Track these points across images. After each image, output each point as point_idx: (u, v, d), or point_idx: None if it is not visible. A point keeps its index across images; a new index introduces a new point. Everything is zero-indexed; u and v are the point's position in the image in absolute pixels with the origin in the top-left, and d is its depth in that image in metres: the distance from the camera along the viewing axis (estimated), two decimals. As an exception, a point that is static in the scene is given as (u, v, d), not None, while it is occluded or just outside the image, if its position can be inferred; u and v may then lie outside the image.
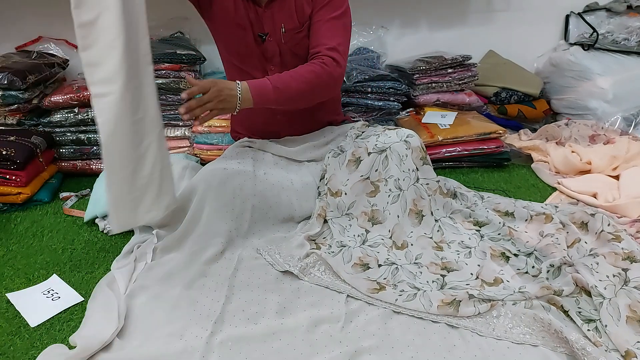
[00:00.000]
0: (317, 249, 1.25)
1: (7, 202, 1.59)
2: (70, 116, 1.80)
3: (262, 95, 1.22)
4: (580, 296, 1.11)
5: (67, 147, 1.83)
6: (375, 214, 1.34)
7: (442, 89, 2.00)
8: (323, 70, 1.26)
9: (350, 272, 1.18)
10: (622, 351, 0.94)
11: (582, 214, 1.35)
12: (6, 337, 1.04)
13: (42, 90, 1.84)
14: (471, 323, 1.03)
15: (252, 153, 1.42)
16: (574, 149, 1.81)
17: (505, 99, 2.12)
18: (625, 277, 1.13)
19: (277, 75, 1.26)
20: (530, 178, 1.77)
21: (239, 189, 1.30)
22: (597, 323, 1.02)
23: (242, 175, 1.32)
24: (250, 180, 1.32)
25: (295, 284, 1.16)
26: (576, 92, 2.13)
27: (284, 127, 1.50)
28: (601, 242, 1.27)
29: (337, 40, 1.29)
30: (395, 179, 1.33)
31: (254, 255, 1.26)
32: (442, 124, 1.87)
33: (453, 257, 1.25)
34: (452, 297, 1.07)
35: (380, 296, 1.10)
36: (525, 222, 1.37)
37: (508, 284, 1.14)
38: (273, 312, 1.06)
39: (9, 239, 1.42)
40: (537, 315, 1.01)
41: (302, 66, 1.28)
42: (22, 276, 1.24)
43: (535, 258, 1.23)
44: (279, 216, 1.36)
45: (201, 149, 1.88)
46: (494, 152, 1.83)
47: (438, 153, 1.81)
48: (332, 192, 1.37)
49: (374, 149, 1.33)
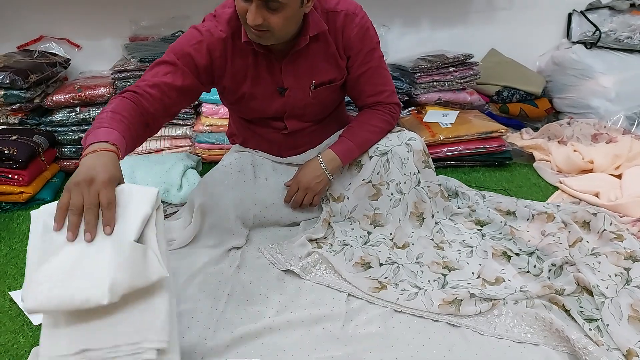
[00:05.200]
0: (318, 248, 1.26)
1: (10, 201, 1.59)
2: (72, 115, 1.80)
3: (349, 157, 1.32)
4: (582, 295, 1.10)
5: (69, 146, 1.83)
6: (378, 217, 1.34)
7: (444, 88, 1.99)
8: (393, 118, 1.34)
9: (351, 271, 1.18)
10: (623, 350, 0.94)
11: (584, 213, 1.35)
12: (9, 335, 1.04)
13: (44, 89, 1.85)
14: (472, 322, 1.03)
15: (251, 158, 1.39)
16: (576, 148, 1.80)
17: (507, 97, 2.11)
18: (627, 276, 1.13)
19: (352, 131, 1.32)
20: (532, 177, 1.77)
21: (238, 200, 1.29)
22: (599, 322, 1.02)
23: (241, 186, 1.31)
24: (250, 190, 1.32)
25: (297, 283, 1.16)
26: (579, 90, 2.13)
27: (290, 153, 1.43)
28: (603, 241, 1.26)
29: (389, 82, 1.33)
30: (397, 182, 1.32)
31: (255, 254, 1.26)
32: (444, 122, 1.87)
33: (454, 257, 1.25)
34: (454, 296, 1.07)
35: (381, 295, 1.10)
36: (527, 222, 1.37)
37: (509, 283, 1.14)
38: (274, 310, 1.06)
39: (11, 238, 1.43)
40: (538, 315, 1.01)
41: (371, 116, 1.32)
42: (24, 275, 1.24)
43: (537, 257, 1.23)
44: (281, 222, 1.37)
45: (202, 148, 1.88)
46: (495, 151, 1.82)
47: (439, 152, 1.81)
48: (334, 197, 1.37)
49: (375, 152, 1.33)
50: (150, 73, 1.13)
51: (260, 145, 1.41)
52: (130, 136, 0.96)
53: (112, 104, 1.01)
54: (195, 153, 1.88)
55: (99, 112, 0.99)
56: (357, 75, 1.27)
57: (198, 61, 1.15)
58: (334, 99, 1.35)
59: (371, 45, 1.25)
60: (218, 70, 1.20)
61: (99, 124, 0.94)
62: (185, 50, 1.14)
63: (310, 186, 1.31)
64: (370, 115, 1.33)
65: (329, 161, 1.30)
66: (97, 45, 2.08)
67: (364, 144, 1.32)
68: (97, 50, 2.08)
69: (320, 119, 1.38)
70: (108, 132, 0.91)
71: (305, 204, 1.34)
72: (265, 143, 1.40)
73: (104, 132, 0.91)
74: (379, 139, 1.34)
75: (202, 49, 1.15)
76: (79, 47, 2.08)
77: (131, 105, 1.03)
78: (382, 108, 1.32)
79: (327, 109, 1.38)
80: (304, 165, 1.33)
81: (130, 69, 1.82)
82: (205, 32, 1.16)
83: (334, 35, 1.21)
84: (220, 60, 1.18)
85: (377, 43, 1.27)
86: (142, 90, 1.07)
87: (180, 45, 1.15)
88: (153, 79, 1.10)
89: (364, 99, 1.33)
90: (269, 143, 1.39)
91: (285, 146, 1.39)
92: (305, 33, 1.15)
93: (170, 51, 1.15)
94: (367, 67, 1.26)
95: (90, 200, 0.76)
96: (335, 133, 1.39)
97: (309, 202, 1.34)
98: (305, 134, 1.37)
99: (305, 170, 1.31)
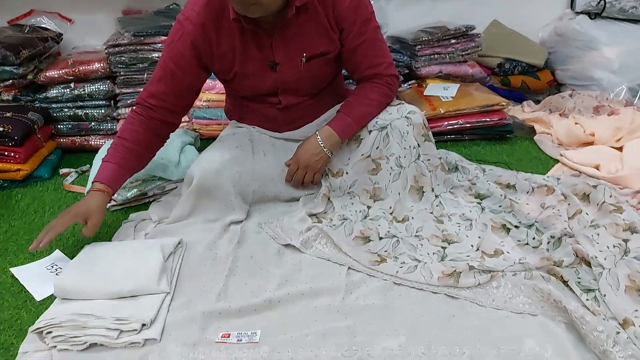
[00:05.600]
0: (318, 222, 1.26)
1: (7, 178, 1.58)
2: (66, 91, 1.78)
3: (348, 132, 1.30)
4: (580, 266, 1.11)
5: (65, 123, 1.82)
6: (377, 192, 1.34)
7: (445, 60, 1.96)
8: (391, 91, 1.33)
9: (351, 244, 1.18)
10: (620, 319, 0.95)
11: (584, 186, 1.35)
12: (13, 311, 1.05)
13: (36, 65, 1.82)
14: (471, 294, 1.04)
15: (249, 134, 1.38)
16: (578, 120, 1.79)
17: (509, 70, 2.09)
18: (626, 247, 1.13)
19: (350, 106, 1.30)
20: (533, 150, 1.76)
21: (237, 176, 1.28)
22: (596, 293, 1.02)
23: (240, 162, 1.29)
24: (249, 165, 1.30)
25: (297, 257, 1.16)
26: (581, 62, 2.10)
27: (287, 128, 1.41)
28: (602, 213, 1.26)
29: (387, 54, 1.30)
30: (397, 156, 1.31)
31: (255, 229, 1.26)
32: (445, 96, 1.85)
33: (454, 230, 1.25)
34: (453, 268, 1.08)
35: (381, 268, 1.10)
36: (526, 194, 1.37)
37: (508, 255, 1.15)
38: (275, 284, 1.07)
39: (10, 215, 1.43)
40: (536, 286, 1.02)
41: (369, 90, 1.30)
42: (25, 252, 1.25)
43: (536, 229, 1.23)
44: (281, 197, 1.36)
45: (200, 124, 1.86)
46: (496, 124, 1.81)
47: (440, 126, 1.79)
48: (333, 172, 1.36)
49: (375, 126, 1.31)
50: (151, 80, 1.23)
51: (257, 121, 1.39)
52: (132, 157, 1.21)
53: (126, 124, 1.23)
54: (193, 129, 1.86)
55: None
56: (352, 47, 1.25)
57: (186, 55, 1.18)
58: (327, 72, 1.33)
59: (365, 16, 1.22)
60: (205, 56, 1.20)
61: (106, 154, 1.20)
62: (173, 49, 1.18)
63: (310, 164, 1.30)
64: (368, 88, 1.31)
65: (327, 138, 1.28)
66: (90, 19, 2.04)
67: (362, 118, 1.31)
68: (90, 25, 2.04)
69: (315, 92, 1.36)
70: (104, 168, 1.18)
71: (307, 183, 1.33)
72: (261, 119, 1.38)
73: (101, 168, 1.18)
74: (378, 113, 1.32)
75: (186, 41, 1.16)
76: (70, 21, 2.04)
77: (139, 120, 1.22)
78: (380, 81, 1.30)
79: (322, 83, 1.35)
80: (302, 143, 1.32)
81: (124, 44, 1.78)
82: (185, 22, 1.17)
83: (323, 5, 1.18)
84: (205, 46, 1.18)
85: (371, 13, 1.24)
86: (146, 103, 1.22)
87: (168, 42, 1.21)
88: (151, 88, 1.22)
89: (361, 72, 1.31)
90: (265, 119, 1.38)
91: (282, 121, 1.38)
92: (292, 3, 1.13)
93: (163, 50, 1.22)
94: (362, 39, 1.23)
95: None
96: (334, 107, 1.37)
97: (309, 181, 1.33)
98: (301, 108, 1.36)
99: (303, 149, 1.30)
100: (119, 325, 0.93)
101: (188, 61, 1.19)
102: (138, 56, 1.79)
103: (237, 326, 0.97)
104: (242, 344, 0.92)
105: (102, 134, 1.85)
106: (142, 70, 1.81)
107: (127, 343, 0.91)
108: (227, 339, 0.93)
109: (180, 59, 1.18)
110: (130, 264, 1.08)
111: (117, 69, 1.80)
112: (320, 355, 0.89)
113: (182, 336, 0.94)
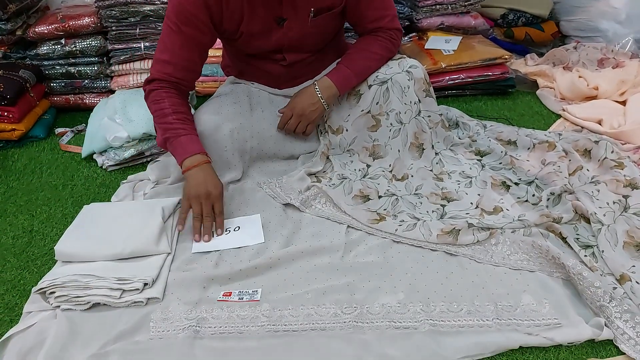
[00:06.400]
0: (317, 182, 1.25)
1: (3, 138, 1.56)
2: (57, 48, 1.72)
3: (347, 86, 1.27)
4: (579, 223, 1.12)
5: (58, 81, 1.77)
6: (377, 149, 1.32)
7: (447, 11, 1.89)
8: (393, 44, 1.29)
9: (350, 203, 1.18)
10: (617, 275, 0.97)
11: (586, 141, 1.33)
12: (15, 272, 1.07)
13: (24, 20, 1.75)
14: (469, 251, 1.05)
15: (247, 90, 1.35)
16: (582, 73, 1.75)
17: (513, 21, 2.02)
18: (625, 203, 1.13)
19: (350, 58, 1.26)
20: (535, 105, 1.73)
21: (235, 132, 1.26)
22: (594, 249, 1.04)
23: (237, 118, 1.27)
24: (246, 121, 1.28)
25: (297, 216, 1.16)
26: (587, 12, 2.03)
27: (288, 85, 1.38)
28: (603, 169, 1.26)
29: (391, 5, 1.27)
30: (397, 112, 1.29)
31: (255, 189, 1.26)
32: (446, 49, 1.79)
33: (453, 187, 1.25)
34: (452, 226, 1.08)
35: (380, 226, 1.11)
36: (527, 151, 1.36)
37: (507, 213, 1.15)
38: (277, 243, 1.07)
39: (8, 176, 1.42)
40: (535, 242, 1.03)
41: (371, 42, 1.27)
42: (25, 212, 1.25)
43: (536, 186, 1.23)
44: (279, 155, 1.34)
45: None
46: (498, 78, 1.77)
47: (441, 81, 1.75)
48: (332, 129, 1.34)
49: (375, 80, 1.28)
50: (168, 51, 1.15)
51: (257, 77, 1.36)
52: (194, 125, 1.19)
53: (163, 100, 1.14)
54: (189, 86, 1.82)
55: (157, 111, 1.15)
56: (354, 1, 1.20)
57: (200, 17, 1.12)
58: (333, 26, 1.29)
59: None
60: (216, 17, 1.16)
61: (174, 132, 1.12)
62: (185, 11, 1.11)
63: (305, 113, 1.27)
64: (369, 41, 1.27)
65: (325, 89, 1.25)
66: (77, -30, 1.94)
67: (362, 71, 1.28)
68: (78, -24, 1.94)
69: (319, 48, 1.32)
70: (191, 140, 1.13)
71: (299, 132, 1.30)
72: (263, 75, 1.35)
73: (187, 141, 1.12)
74: (379, 67, 1.29)
75: (199, 3, 1.11)
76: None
77: (177, 95, 1.17)
78: (382, 34, 1.26)
79: (327, 38, 1.32)
80: (299, 92, 1.29)
81: (114, -4, 1.70)
82: None
83: None
84: (215, 7, 1.13)
85: None
86: (174, 78, 1.16)
87: (181, 5, 1.12)
88: (175, 60, 1.15)
89: (365, 24, 1.27)
90: (267, 75, 1.34)
91: (284, 78, 1.35)
92: None
93: (173, 15, 1.12)
94: None
95: (208, 210, 1.08)
96: (334, 62, 1.34)
97: (302, 131, 1.30)
98: (305, 65, 1.32)
99: (300, 97, 1.27)
100: (121, 285, 0.94)
101: (202, 21, 1.13)
102: (129, 9, 1.71)
103: (238, 285, 0.98)
104: (244, 302, 0.94)
105: (96, 92, 1.81)
106: (134, 24, 1.74)
107: (130, 302, 0.93)
108: (229, 298, 0.95)
109: (194, 21, 1.12)
110: (129, 225, 1.08)
111: (108, 24, 1.73)
112: (320, 312, 0.91)
113: (184, 295, 0.95)
